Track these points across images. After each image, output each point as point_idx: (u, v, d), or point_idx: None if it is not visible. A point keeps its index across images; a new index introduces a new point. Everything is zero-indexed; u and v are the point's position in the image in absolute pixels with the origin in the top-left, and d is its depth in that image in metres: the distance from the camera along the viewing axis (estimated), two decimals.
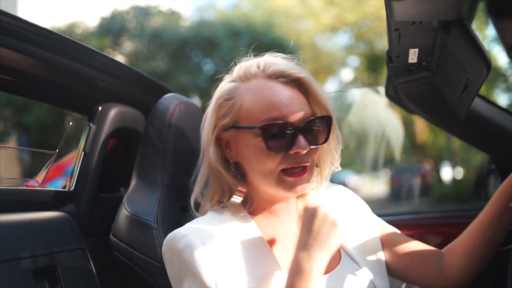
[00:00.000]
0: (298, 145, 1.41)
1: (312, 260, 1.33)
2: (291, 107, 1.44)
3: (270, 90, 1.47)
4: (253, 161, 1.46)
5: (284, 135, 1.42)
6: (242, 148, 1.49)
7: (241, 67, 1.56)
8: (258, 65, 1.53)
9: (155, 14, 16.87)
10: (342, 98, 5.25)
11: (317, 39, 21.88)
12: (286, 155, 1.43)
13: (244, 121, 1.47)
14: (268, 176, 1.45)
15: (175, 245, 1.40)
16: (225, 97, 1.52)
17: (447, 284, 1.65)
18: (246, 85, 1.51)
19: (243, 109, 1.48)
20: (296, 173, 1.45)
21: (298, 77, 1.50)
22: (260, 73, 1.51)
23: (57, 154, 1.86)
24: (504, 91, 16.03)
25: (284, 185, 1.45)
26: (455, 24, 1.35)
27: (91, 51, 1.87)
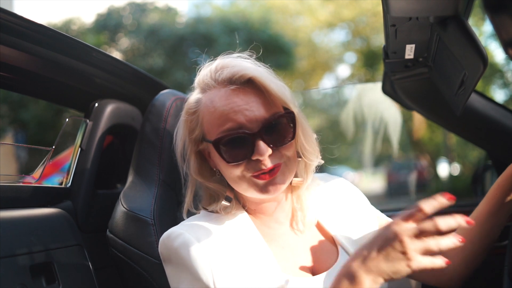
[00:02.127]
0: (257, 151, 1.38)
1: None
2: (244, 112, 1.39)
3: (221, 99, 1.42)
4: (223, 170, 1.46)
5: (241, 143, 1.39)
6: (213, 159, 1.49)
7: (199, 78, 1.53)
8: (210, 74, 1.49)
9: (151, 11, 16.83)
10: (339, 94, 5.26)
11: (314, 36, 21.87)
12: (249, 161, 1.40)
13: (208, 134, 1.46)
14: (239, 181, 1.44)
15: (172, 243, 1.40)
16: (190, 111, 1.50)
17: (444, 279, 1.66)
18: (206, 95, 1.47)
19: (205, 122, 1.47)
20: (266, 175, 1.41)
21: (248, 78, 1.43)
22: (213, 83, 1.47)
23: (53, 151, 1.86)
24: (501, 87, 16.07)
25: (255, 188, 1.43)
26: (452, 20, 1.35)
27: (88, 47, 1.87)
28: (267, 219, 1.56)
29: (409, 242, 1.18)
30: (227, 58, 1.51)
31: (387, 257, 1.20)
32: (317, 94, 14.49)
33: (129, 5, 16.70)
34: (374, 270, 1.21)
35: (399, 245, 1.19)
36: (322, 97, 10.22)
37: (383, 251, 1.20)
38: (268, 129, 1.40)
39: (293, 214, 1.60)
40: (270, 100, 1.43)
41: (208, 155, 1.52)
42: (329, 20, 20.46)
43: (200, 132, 1.49)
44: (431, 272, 1.64)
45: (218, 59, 1.53)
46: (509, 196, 1.55)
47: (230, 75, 1.43)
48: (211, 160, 1.52)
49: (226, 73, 1.44)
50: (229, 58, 1.52)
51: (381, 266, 1.20)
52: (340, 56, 22.50)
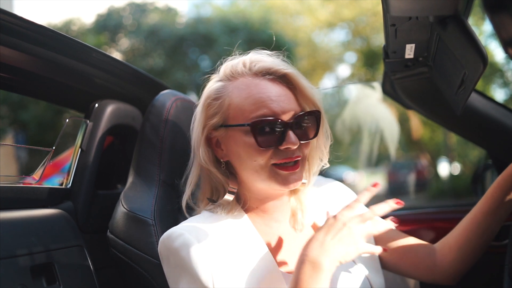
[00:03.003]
0: (288, 140, 1.42)
1: None
2: (279, 103, 1.44)
3: (258, 87, 1.47)
4: (244, 157, 1.46)
5: (274, 131, 1.42)
6: (232, 146, 1.49)
7: (227, 66, 1.55)
8: (244, 63, 1.52)
9: (151, 11, 16.85)
10: (339, 93, 5.26)
11: (314, 35, 21.88)
12: (276, 150, 1.43)
13: (233, 119, 1.47)
14: (260, 171, 1.45)
15: (172, 244, 1.41)
16: (213, 96, 1.52)
17: (439, 277, 1.67)
18: (233, 83, 1.50)
19: (231, 108, 1.47)
20: (289, 167, 1.45)
21: (284, 73, 1.50)
22: (247, 71, 1.51)
23: (54, 152, 1.86)
24: (501, 86, 16.07)
25: (277, 179, 1.45)
26: (452, 20, 1.35)
27: (88, 48, 1.87)
28: (267, 218, 1.57)
29: (354, 228, 1.36)
30: (260, 54, 1.56)
31: (339, 241, 1.34)
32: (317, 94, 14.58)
33: (129, 5, 16.71)
34: (331, 253, 1.32)
35: (348, 231, 1.35)
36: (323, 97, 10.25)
37: (336, 237, 1.34)
38: (298, 123, 1.46)
39: (293, 214, 1.62)
40: (301, 97, 1.51)
41: (215, 144, 1.53)
42: (329, 20, 20.47)
43: (220, 118, 1.49)
44: (428, 268, 1.67)
45: (251, 53, 1.57)
46: (509, 196, 1.56)
47: (267, 67, 1.50)
48: (219, 150, 1.53)
49: (262, 65, 1.50)
50: (261, 53, 1.57)
51: (336, 249, 1.33)
52: (340, 56, 22.51)
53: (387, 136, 6.81)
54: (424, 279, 1.71)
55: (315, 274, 1.30)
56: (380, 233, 1.42)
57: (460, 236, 1.63)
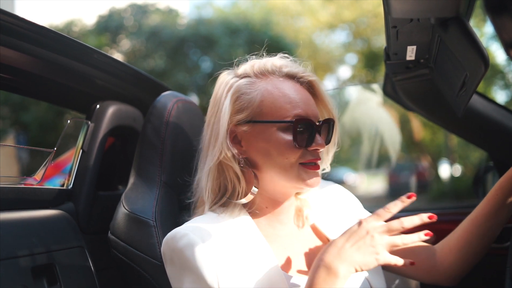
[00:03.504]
0: (317, 142, 1.47)
1: None
2: (310, 106, 1.50)
3: (291, 88, 1.50)
4: (274, 155, 1.46)
5: (307, 132, 1.46)
6: (259, 143, 1.48)
7: (254, 64, 1.56)
8: (274, 64, 1.55)
9: (152, 12, 16.85)
10: (339, 95, 5.26)
11: (315, 37, 21.87)
12: (305, 151, 1.47)
13: (267, 115, 1.47)
14: (289, 169, 1.47)
15: (176, 244, 1.40)
16: (242, 91, 1.51)
17: (440, 278, 1.68)
18: (264, 81, 1.52)
19: (264, 104, 1.48)
20: (314, 167, 1.49)
21: (310, 80, 1.56)
22: (278, 71, 1.54)
23: (55, 152, 1.86)
24: (502, 88, 16.06)
25: (304, 178, 1.47)
26: (453, 21, 1.36)
27: (89, 49, 1.87)
28: (273, 219, 1.57)
29: (378, 238, 1.32)
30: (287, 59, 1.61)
31: (358, 249, 1.31)
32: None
33: (131, 6, 16.72)
34: (347, 260, 1.30)
35: (370, 239, 1.31)
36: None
37: (355, 245, 1.31)
38: (322, 127, 1.52)
39: (297, 215, 1.65)
40: (321, 104, 1.60)
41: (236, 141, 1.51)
42: (330, 21, 20.47)
43: (249, 113, 1.49)
44: (429, 270, 1.67)
45: (278, 55, 1.61)
46: (510, 198, 1.55)
47: (296, 71, 1.55)
48: (239, 147, 1.51)
49: (293, 69, 1.56)
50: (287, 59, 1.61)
51: (353, 257, 1.30)
52: (341, 57, 22.49)
53: (387, 139, 6.82)
54: (425, 280, 1.72)
55: (330, 280, 1.29)
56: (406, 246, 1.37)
57: (461, 237, 1.63)
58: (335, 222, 1.68)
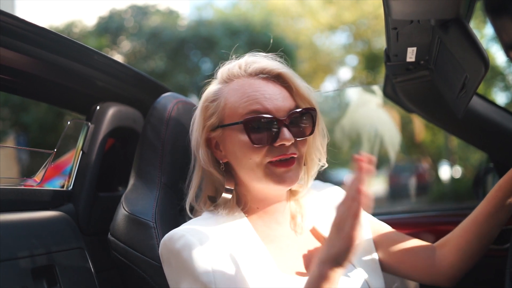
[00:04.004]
0: (282, 137, 1.44)
1: None
2: (273, 101, 1.48)
3: (252, 86, 1.51)
4: (240, 156, 1.49)
5: (267, 128, 1.45)
6: (229, 146, 1.52)
7: (224, 69, 1.60)
8: (239, 66, 1.57)
9: (153, 13, 16.84)
10: (340, 96, 5.26)
11: (315, 38, 21.86)
12: (271, 148, 1.46)
13: (228, 118, 1.50)
14: (256, 169, 1.47)
15: (173, 245, 1.41)
16: (210, 99, 1.56)
17: (439, 278, 1.68)
18: (229, 85, 1.54)
19: (227, 107, 1.51)
20: (284, 164, 1.46)
21: (279, 72, 1.54)
22: (242, 73, 1.55)
23: (55, 154, 1.86)
24: (502, 90, 16.04)
25: (272, 177, 1.46)
26: (453, 23, 1.36)
27: (89, 50, 1.87)
28: (268, 219, 1.58)
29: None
30: (255, 56, 1.60)
31: None
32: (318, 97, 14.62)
33: (131, 8, 16.71)
34: None
35: None
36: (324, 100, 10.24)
37: None
38: (293, 120, 1.48)
39: (293, 217, 1.64)
40: (296, 96, 1.55)
41: (214, 146, 1.56)
42: (330, 22, 20.45)
43: (217, 119, 1.53)
44: (427, 270, 1.68)
45: (246, 55, 1.61)
46: (510, 198, 1.56)
47: (261, 68, 1.54)
48: (218, 151, 1.56)
49: (257, 66, 1.55)
50: (257, 55, 1.60)
51: None
52: (341, 58, 22.46)
53: (387, 142, 6.81)
54: (423, 280, 1.72)
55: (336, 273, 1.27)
56: None
57: (460, 237, 1.63)
58: None
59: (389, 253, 1.70)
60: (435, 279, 1.68)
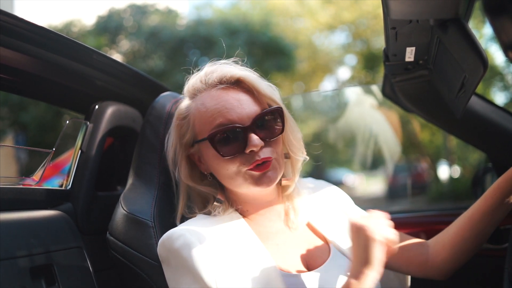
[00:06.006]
0: (250, 144, 1.44)
1: None
2: (235, 109, 1.47)
3: (213, 99, 1.50)
4: (218, 168, 1.51)
5: (234, 138, 1.45)
6: (206, 160, 1.54)
7: (189, 85, 1.62)
8: (200, 79, 1.58)
9: (152, 13, 16.83)
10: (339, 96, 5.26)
11: (314, 38, 21.85)
12: (244, 155, 1.46)
13: (199, 134, 1.52)
14: (235, 177, 1.49)
15: (172, 244, 1.41)
16: (181, 116, 1.58)
17: (431, 273, 1.70)
18: (195, 100, 1.56)
19: (196, 124, 1.53)
20: (260, 168, 1.47)
21: (237, 78, 1.53)
22: (203, 86, 1.56)
23: (54, 153, 1.86)
24: (501, 89, 16.05)
25: (251, 181, 1.48)
26: (452, 23, 1.36)
27: (88, 49, 1.87)
28: (260, 219, 1.60)
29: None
30: (215, 65, 1.60)
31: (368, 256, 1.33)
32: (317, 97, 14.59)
33: (130, 7, 16.70)
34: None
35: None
36: (323, 99, 10.17)
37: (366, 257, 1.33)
38: (259, 124, 1.48)
39: (286, 213, 1.65)
40: (259, 97, 1.53)
41: (198, 160, 1.58)
42: (329, 22, 20.44)
43: (191, 135, 1.55)
44: (420, 265, 1.70)
45: (206, 66, 1.61)
46: (507, 198, 1.57)
47: (220, 77, 1.54)
48: (201, 165, 1.58)
49: (215, 75, 1.54)
50: (216, 64, 1.61)
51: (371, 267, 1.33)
52: (340, 58, 22.45)
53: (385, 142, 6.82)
54: (417, 274, 1.75)
55: None
56: None
57: (456, 234, 1.65)
58: (330, 220, 1.70)
59: None
60: (428, 274, 1.71)
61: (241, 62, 1.62)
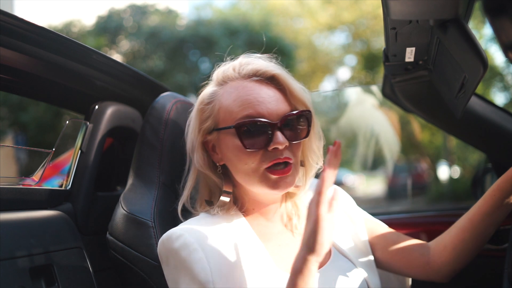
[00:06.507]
0: (275, 141, 1.42)
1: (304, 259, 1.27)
2: (266, 104, 1.46)
3: (245, 89, 1.49)
4: (235, 161, 1.48)
5: (261, 132, 1.43)
6: (224, 150, 1.51)
7: (218, 72, 1.59)
8: (233, 68, 1.55)
9: (152, 13, 16.85)
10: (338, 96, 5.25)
11: (314, 38, 21.87)
12: (266, 152, 1.44)
13: (223, 122, 1.50)
14: (251, 174, 1.46)
15: (171, 244, 1.41)
16: (205, 101, 1.55)
17: (432, 275, 1.69)
18: (224, 88, 1.53)
19: (221, 111, 1.50)
20: (279, 171, 1.44)
21: (272, 74, 1.52)
22: (236, 75, 1.53)
23: (53, 153, 1.86)
24: (501, 90, 16.06)
25: (267, 183, 1.45)
26: (452, 23, 1.36)
27: (88, 49, 1.87)
28: (264, 220, 1.59)
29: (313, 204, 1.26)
30: (249, 57, 1.58)
31: None
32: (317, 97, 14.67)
33: (130, 7, 16.71)
34: None
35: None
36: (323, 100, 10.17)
37: None
38: (287, 123, 1.46)
39: (289, 219, 1.65)
40: (291, 98, 1.52)
41: (211, 149, 1.56)
42: (329, 22, 20.46)
43: (212, 122, 1.53)
44: (421, 267, 1.69)
45: (241, 57, 1.59)
46: (508, 198, 1.56)
47: (255, 69, 1.52)
48: (215, 154, 1.55)
49: (250, 67, 1.53)
50: (251, 57, 1.59)
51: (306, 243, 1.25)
52: (340, 58, 22.47)
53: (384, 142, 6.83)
54: (418, 276, 1.74)
55: None
56: None
57: (456, 235, 1.64)
58: None
59: (384, 251, 1.72)
60: (429, 276, 1.70)
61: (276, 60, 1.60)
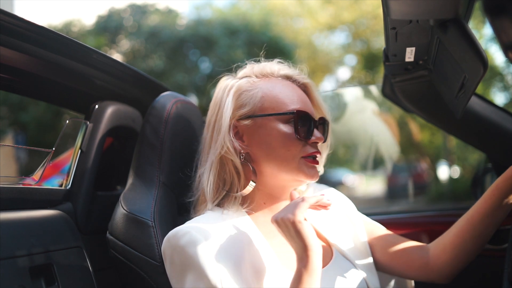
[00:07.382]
0: (316, 135, 1.54)
1: None
2: (307, 103, 1.61)
3: (288, 87, 1.61)
4: (276, 147, 1.52)
5: (307, 125, 1.54)
6: (261, 136, 1.55)
7: (253, 66, 1.67)
8: (271, 67, 1.66)
9: (152, 13, 16.83)
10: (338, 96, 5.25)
11: (314, 38, 21.86)
12: (305, 144, 1.54)
13: (268, 109, 1.55)
14: (291, 161, 1.52)
15: (177, 241, 1.41)
16: (243, 88, 1.60)
17: (433, 276, 1.70)
18: (264, 80, 1.62)
19: (266, 99, 1.56)
20: (313, 161, 1.55)
21: (305, 82, 1.67)
22: (275, 73, 1.64)
23: (53, 152, 1.86)
24: (501, 90, 16.05)
25: (305, 170, 1.53)
26: (452, 23, 1.36)
27: (88, 49, 1.87)
28: (267, 218, 1.60)
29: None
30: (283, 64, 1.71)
31: None
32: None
33: (130, 7, 16.70)
34: None
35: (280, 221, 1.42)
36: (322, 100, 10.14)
37: None
38: (320, 124, 1.63)
39: None
40: (315, 106, 1.69)
41: (239, 136, 1.58)
42: (329, 22, 20.45)
43: (250, 108, 1.57)
44: (421, 269, 1.70)
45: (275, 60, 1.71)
46: (507, 198, 1.56)
47: (291, 74, 1.67)
48: (241, 142, 1.57)
49: (287, 71, 1.67)
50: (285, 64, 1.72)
51: None
52: (340, 58, 22.46)
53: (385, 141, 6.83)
54: (418, 278, 1.74)
55: None
56: None
57: (456, 236, 1.64)
58: (331, 223, 1.73)
59: (383, 253, 1.73)
60: (430, 277, 1.70)
61: None
